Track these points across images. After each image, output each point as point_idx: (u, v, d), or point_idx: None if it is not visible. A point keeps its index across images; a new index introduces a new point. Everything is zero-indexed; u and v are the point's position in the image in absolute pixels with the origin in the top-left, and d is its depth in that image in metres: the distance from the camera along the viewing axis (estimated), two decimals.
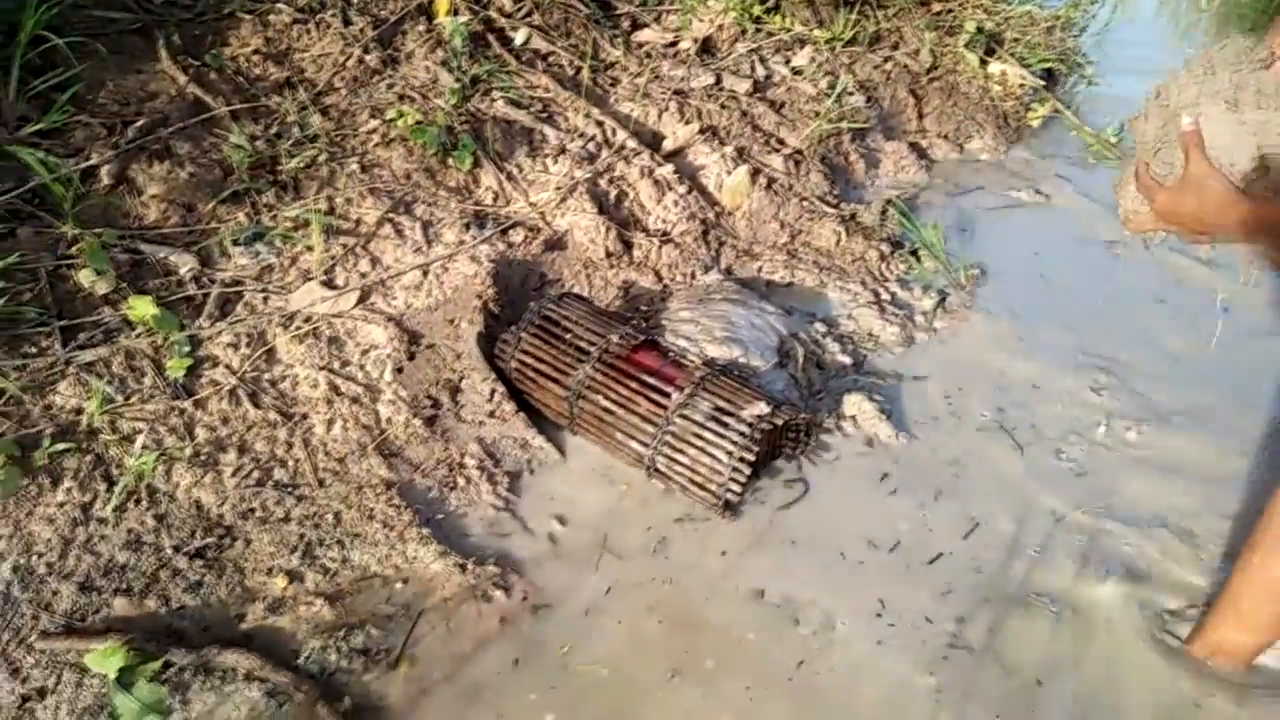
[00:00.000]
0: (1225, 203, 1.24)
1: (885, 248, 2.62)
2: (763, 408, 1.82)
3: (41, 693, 1.43)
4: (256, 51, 2.30)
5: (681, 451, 1.84)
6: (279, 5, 2.39)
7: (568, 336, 1.99)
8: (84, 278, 1.78)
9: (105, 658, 1.43)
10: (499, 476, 1.90)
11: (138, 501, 1.66)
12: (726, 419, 1.82)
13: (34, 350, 1.70)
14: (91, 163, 1.91)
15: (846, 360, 2.25)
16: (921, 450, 2.04)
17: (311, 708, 1.46)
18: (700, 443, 1.82)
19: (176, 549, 1.63)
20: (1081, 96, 3.59)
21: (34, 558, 1.56)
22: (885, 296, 2.49)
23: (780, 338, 2.17)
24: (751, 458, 1.78)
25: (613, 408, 1.91)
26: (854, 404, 2.09)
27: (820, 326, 2.33)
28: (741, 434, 1.79)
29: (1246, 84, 1.30)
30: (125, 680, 1.44)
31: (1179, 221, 1.31)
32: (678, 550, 1.80)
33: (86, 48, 2.07)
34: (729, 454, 1.79)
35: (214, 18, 2.33)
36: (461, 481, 1.87)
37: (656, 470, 1.87)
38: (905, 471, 1.98)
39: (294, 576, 1.64)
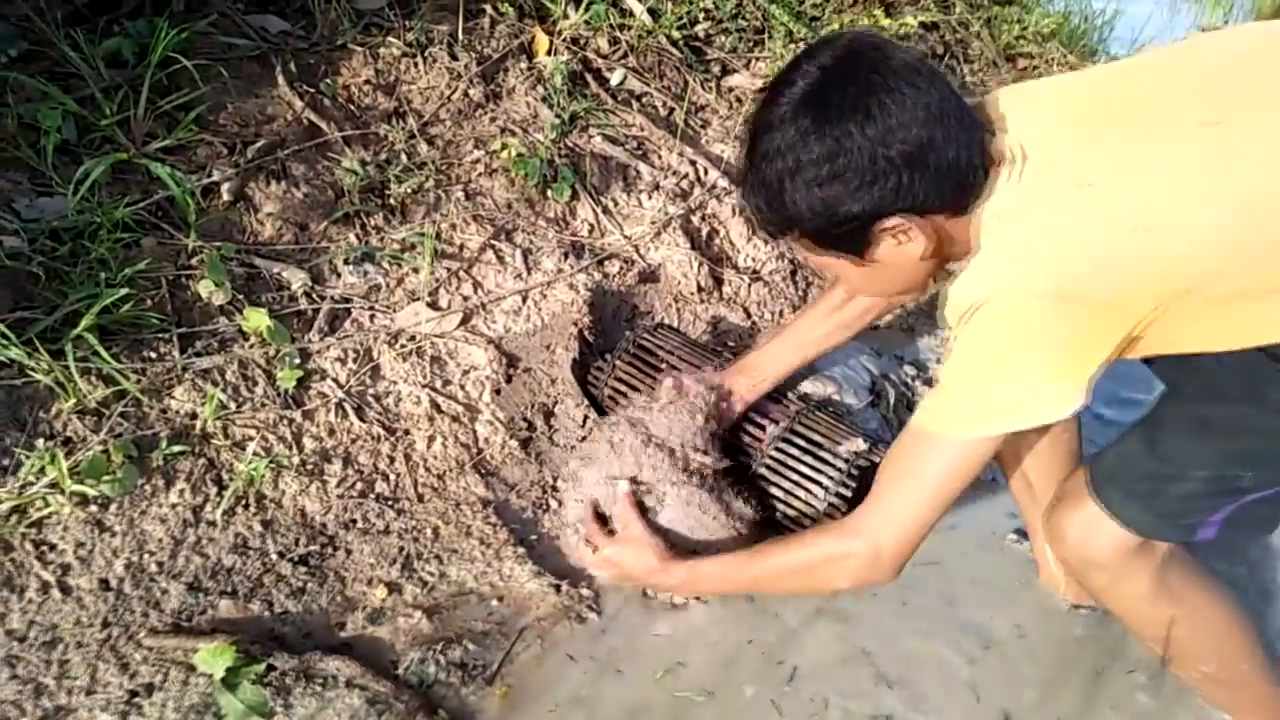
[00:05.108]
0: None
1: None
2: (860, 444, 1.81)
3: (149, 689, 1.45)
4: (367, 82, 2.38)
5: (776, 485, 1.83)
6: (389, 39, 2.47)
7: (662, 366, 2.00)
8: (203, 288, 1.84)
9: (214, 657, 1.45)
10: None
11: (246, 506, 1.69)
12: (823, 454, 1.81)
13: (154, 355, 1.76)
14: (213, 179, 1.98)
15: None
16: None
17: (411, 718, 1.46)
18: (796, 477, 1.82)
19: (281, 555, 1.66)
20: None
21: (145, 556, 1.59)
22: None
23: (872, 378, 2.17)
24: (848, 493, 1.77)
25: None
26: None
27: (910, 369, 2.32)
28: (839, 470, 1.79)
29: None
30: (230, 681, 1.45)
31: None
32: None
33: (210, 71, 2.15)
34: (825, 489, 1.78)
35: (328, 48, 2.41)
36: (554, 504, 1.88)
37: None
38: None
39: (393, 588, 1.66)
